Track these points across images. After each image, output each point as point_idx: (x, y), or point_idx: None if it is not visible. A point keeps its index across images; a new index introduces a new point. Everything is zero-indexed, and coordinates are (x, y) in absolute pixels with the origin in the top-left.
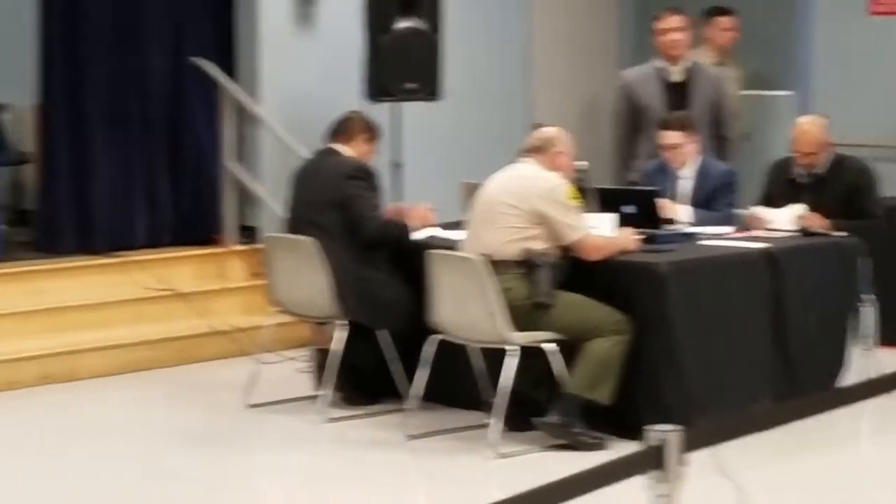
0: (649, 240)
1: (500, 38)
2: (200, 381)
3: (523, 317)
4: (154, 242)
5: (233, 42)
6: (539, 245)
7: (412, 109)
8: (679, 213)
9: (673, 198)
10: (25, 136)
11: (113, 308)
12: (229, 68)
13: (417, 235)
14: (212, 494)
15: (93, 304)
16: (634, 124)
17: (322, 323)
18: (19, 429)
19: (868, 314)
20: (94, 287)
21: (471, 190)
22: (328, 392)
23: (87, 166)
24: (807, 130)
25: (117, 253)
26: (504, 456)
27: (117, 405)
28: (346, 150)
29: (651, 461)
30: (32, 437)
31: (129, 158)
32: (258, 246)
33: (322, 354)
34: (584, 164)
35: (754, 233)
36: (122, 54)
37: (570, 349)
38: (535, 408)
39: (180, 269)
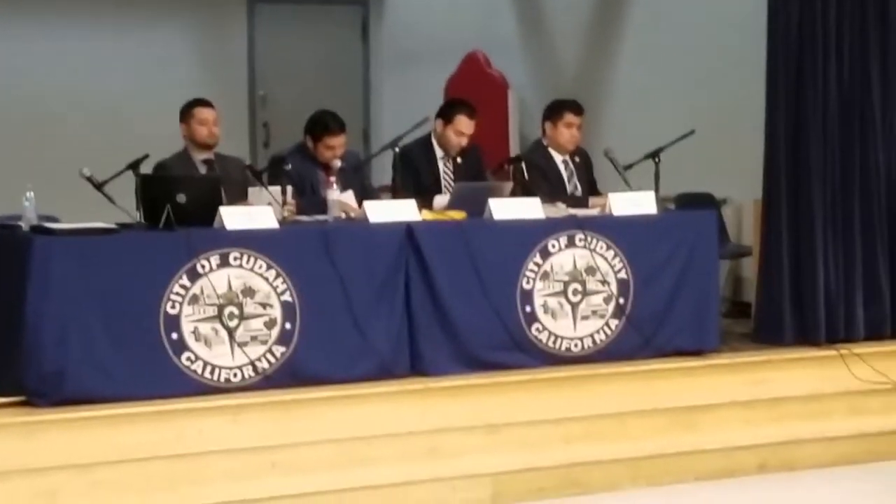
0: None
1: None
2: None
3: None
4: (874, 334)
5: None
6: None
7: None
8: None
9: None
10: (745, 230)
11: (831, 399)
12: None
13: None
14: None
15: (811, 395)
16: None
17: None
18: None
19: None
20: (812, 378)
21: None
22: None
23: (808, 258)
24: None
25: (836, 345)
26: None
27: (833, 497)
28: None
29: None
30: None
31: (851, 250)
32: None
33: None
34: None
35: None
36: (846, 146)
37: None
38: None
39: None
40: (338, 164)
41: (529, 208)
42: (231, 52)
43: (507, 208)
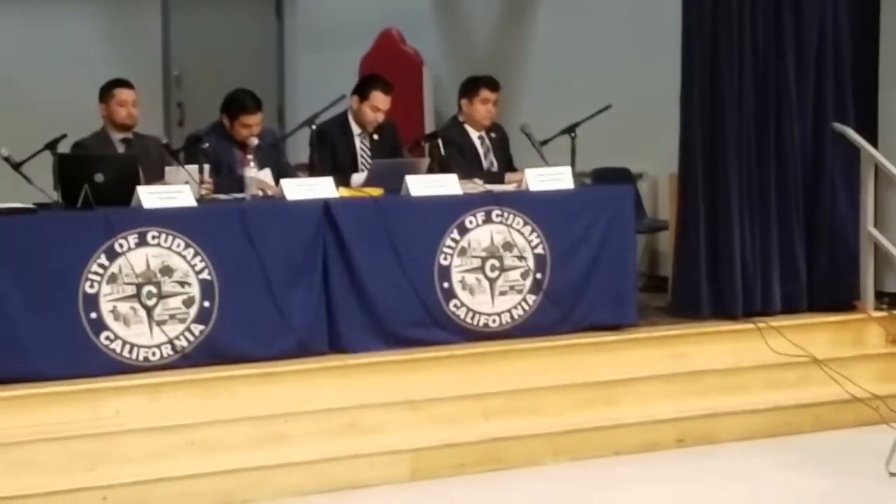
0: None
1: None
2: (838, 447)
3: None
4: (791, 308)
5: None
6: None
7: None
8: None
9: None
10: (661, 204)
11: (749, 373)
12: (870, 133)
13: None
14: None
15: (729, 368)
16: None
17: None
18: (655, 492)
19: None
20: (730, 352)
21: None
22: None
23: (724, 232)
24: None
25: (753, 318)
26: None
27: (752, 470)
28: None
29: None
30: (668, 499)
31: (767, 224)
32: None
33: None
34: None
35: None
36: (761, 121)
37: None
38: None
39: (816, 334)
40: (254, 142)
41: (446, 184)
42: (145, 32)
43: (424, 185)
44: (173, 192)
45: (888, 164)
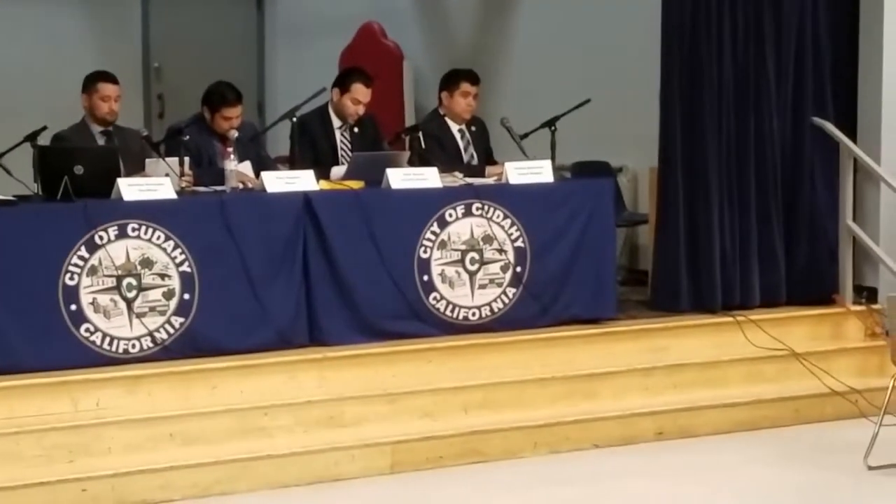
0: None
1: None
2: (817, 441)
3: None
4: (770, 301)
5: (857, 102)
6: None
7: None
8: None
9: None
10: (641, 198)
11: (728, 366)
12: (849, 128)
13: None
14: None
15: (708, 362)
16: None
17: None
18: (634, 484)
19: None
20: (709, 345)
21: None
22: None
23: (704, 226)
24: None
25: (732, 312)
26: None
27: (731, 463)
28: None
29: None
30: (647, 491)
31: (746, 218)
32: (876, 306)
33: None
34: None
35: None
36: (741, 115)
37: None
38: None
39: (795, 328)
40: (234, 134)
41: (427, 177)
42: (125, 23)
43: (405, 178)
44: (153, 184)
45: (867, 159)
